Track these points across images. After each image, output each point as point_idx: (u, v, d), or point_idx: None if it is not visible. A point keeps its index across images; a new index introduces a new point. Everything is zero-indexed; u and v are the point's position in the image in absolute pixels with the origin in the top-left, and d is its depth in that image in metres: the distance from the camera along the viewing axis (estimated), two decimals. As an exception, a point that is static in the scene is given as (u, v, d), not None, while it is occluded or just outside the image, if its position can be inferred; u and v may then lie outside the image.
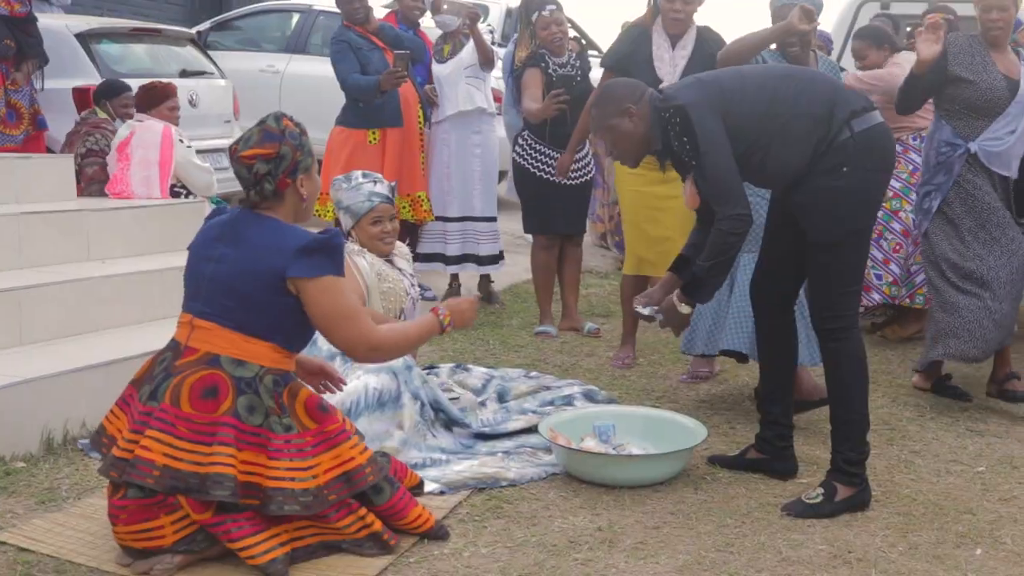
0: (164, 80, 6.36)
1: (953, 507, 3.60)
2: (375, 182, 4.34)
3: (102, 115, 6.40)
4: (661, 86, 4.02)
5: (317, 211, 6.10)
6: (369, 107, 6.15)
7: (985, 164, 4.61)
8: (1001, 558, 3.20)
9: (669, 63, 5.04)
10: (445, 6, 6.38)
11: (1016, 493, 3.75)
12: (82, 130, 6.21)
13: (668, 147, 3.56)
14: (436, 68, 6.38)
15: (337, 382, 3.44)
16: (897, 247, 5.82)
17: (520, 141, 5.89)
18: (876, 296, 5.86)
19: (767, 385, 3.91)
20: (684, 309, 3.57)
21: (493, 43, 6.55)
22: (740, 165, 3.48)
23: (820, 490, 3.51)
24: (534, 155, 5.81)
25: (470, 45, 6.33)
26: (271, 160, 2.99)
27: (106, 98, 6.51)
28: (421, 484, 3.45)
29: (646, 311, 3.67)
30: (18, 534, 3.17)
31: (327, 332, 3.03)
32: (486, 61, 6.36)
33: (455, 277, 6.59)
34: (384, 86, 6.03)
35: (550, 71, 5.78)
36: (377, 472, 3.06)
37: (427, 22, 6.92)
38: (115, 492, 2.95)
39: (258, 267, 2.96)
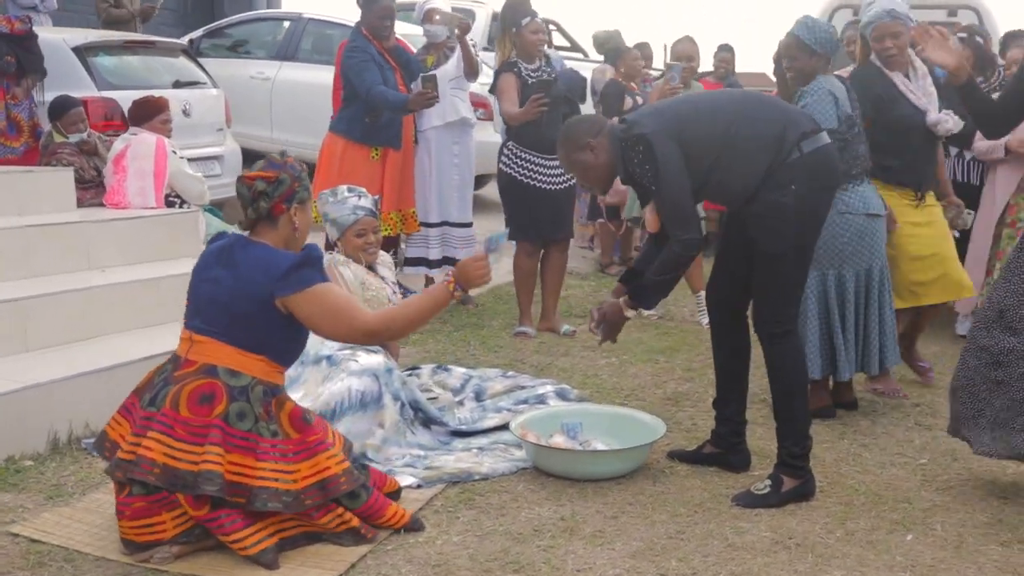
0: (156, 94, 6.62)
1: (892, 496, 3.89)
2: (359, 196, 4.63)
3: (59, 138, 6.45)
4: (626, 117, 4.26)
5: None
6: (376, 125, 6.31)
7: None
8: (929, 543, 3.49)
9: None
10: (437, 16, 6.62)
11: (953, 484, 4.05)
12: (42, 161, 6.43)
13: (630, 174, 3.85)
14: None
15: None
16: None
17: (505, 151, 6.15)
18: None
19: (722, 386, 4.19)
20: (630, 314, 3.88)
21: (476, 51, 6.81)
22: (700, 184, 3.78)
23: (768, 481, 3.81)
24: (519, 162, 6.08)
25: (455, 57, 6.60)
26: (271, 183, 3.36)
27: (55, 118, 6.50)
28: (399, 491, 3.72)
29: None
30: (29, 527, 3.46)
31: (325, 332, 3.35)
32: (472, 71, 6.63)
33: (431, 279, 6.86)
34: (412, 106, 6.21)
35: (524, 75, 6.06)
36: (351, 482, 3.34)
37: (404, 30, 7.17)
38: (121, 491, 3.25)
39: (249, 289, 3.28)
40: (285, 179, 3.37)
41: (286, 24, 10.82)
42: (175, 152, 6.30)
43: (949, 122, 4.97)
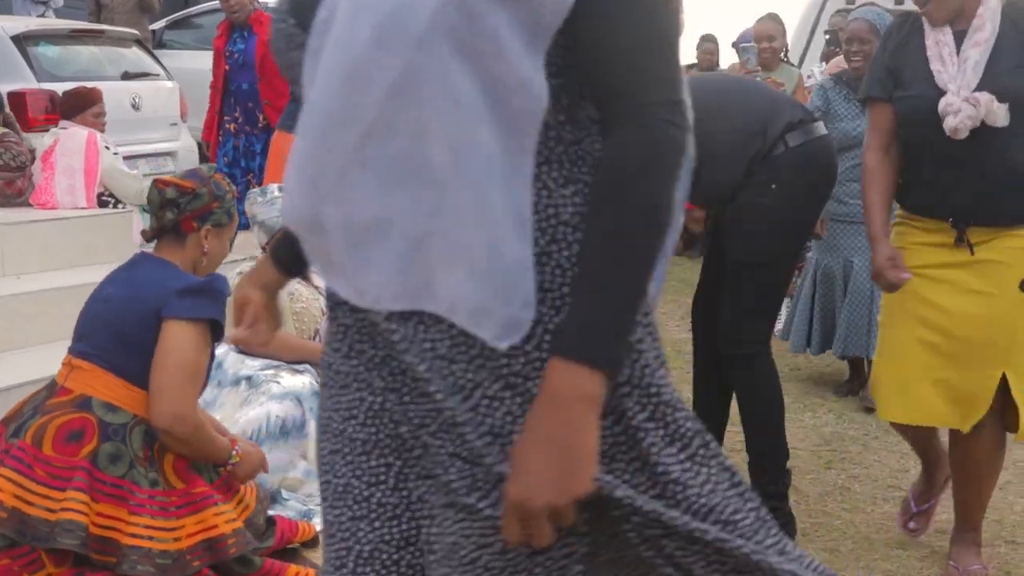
0: (88, 85, 6.11)
1: (884, 541, 3.41)
2: (288, 196, 4.13)
3: None
4: None
5: None
6: None
7: None
8: (926, 601, 3.01)
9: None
10: None
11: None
12: None
13: None
14: None
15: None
16: None
17: None
18: None
19: (698, 413, 3.69)
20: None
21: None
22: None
23: None
24: None
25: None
26: (185, 193, 2.89)
27: None
28: (318, 536, 3.23)
29: None
30: None
31: (154, 374, 2.74)
32: None
33: None
34: None
35: None
36: (242, 544, 2.82)
37: None
38: None
39: (137, 304, 2.79)
40: (203, 194, 2.90)
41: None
42: (108, 147, 5.79)
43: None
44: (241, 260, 4.89)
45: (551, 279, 1.31)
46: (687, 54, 7.53)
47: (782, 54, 5.99)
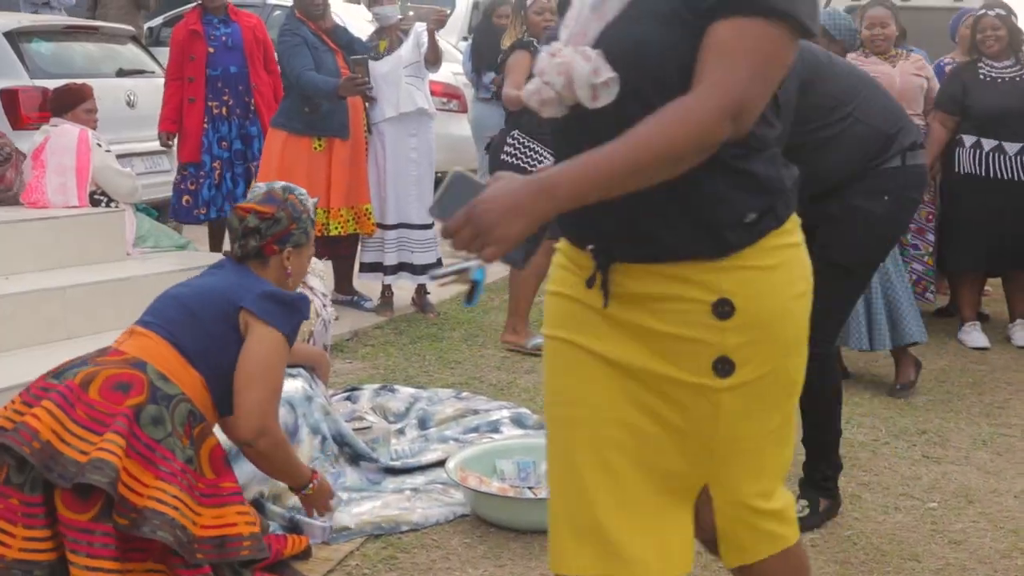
0: (79, 82, 5.97)
1: (897, 552, 3.28)
2: (284, 196, 4.02)
3: None
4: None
5: None
6: (315, 114, 5.76)
7: None
8: (942, 617, 2.89)
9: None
10: (411, 13, 6.06)
11: (969, 534, 3.44)
12: None
13: None
14: (371, 65, 5.98)
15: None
16: None
17: (510, 140, 5.50)
18: None
19: None
20: None
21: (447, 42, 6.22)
22: (795, 148, 3.14)
23: (804, 502, 3.46)
24: (529, 154, 5.44)
25: (409, 42, 5.99)
26: (265, 220, 2.97)
27: None
28: (309, 549, 3.13)
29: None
30: None
31: (242, 385, 2.80)
32: (435, 61, 6.03)
33: (388, 287, 6.23)
34: (342, 92, 5.64)
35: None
36: (255, 549, 2.76)
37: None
38: None
39: (218, 293, 2.89)
40: (282, 218, 3.00)
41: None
42: (100, 145, 5.66)
43: None
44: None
45: None
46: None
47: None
